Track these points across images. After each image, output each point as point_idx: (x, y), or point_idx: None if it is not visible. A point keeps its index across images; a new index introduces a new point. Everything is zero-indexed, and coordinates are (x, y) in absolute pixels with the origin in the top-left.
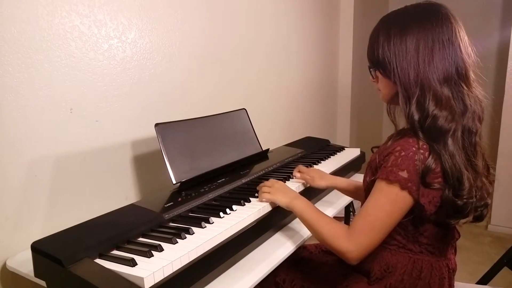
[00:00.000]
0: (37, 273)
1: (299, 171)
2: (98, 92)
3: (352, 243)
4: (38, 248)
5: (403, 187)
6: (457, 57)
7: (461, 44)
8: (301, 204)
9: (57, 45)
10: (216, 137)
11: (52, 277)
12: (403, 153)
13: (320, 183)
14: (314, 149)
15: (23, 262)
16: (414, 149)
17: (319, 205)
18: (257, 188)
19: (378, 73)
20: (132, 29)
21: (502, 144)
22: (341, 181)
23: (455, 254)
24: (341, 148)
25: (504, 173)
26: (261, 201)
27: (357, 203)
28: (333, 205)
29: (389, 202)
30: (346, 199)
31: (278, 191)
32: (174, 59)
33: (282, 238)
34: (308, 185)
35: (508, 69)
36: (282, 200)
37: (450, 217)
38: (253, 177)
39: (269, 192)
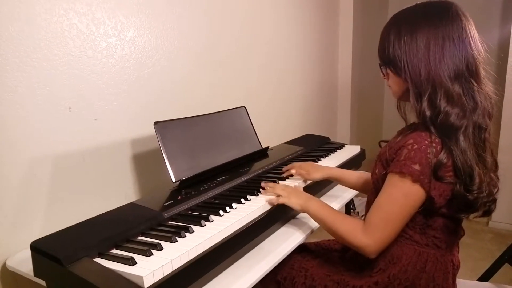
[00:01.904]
0: (36, 273)
1: (292, 168)
2: (97, 91)
3: (369, 237)
4: (38, 248)
5: (415, 180)
6: (467, 54)
7: (471, 41)
8: (315, 205)
9: (55, 43)
10: (215, 135)
11: (51, 276)
12: (415, 146)
13: (315, 175)
14: (314, 147)
15: (22, 262)
16: (426, 142)
17: (324, 200)
18: (264, 187)
19: (389, 71)
20: (130, 27)
21: (503, 140)
22: (337, 171)
23: (458, 252)
24: (341, 146)
25: (505, 168)
26: (275, 203)
27: (357, 201)
28: (337, 199)
29: (402, 196)
30: (350, 193)
31: (291, 194)
32: (173, 57)
33: (283, 236)
34: (309, 182)
35: (509, 65)
36: (297, 203)
37: (461, 211)
38: (253, 175)
39: (281, 196)
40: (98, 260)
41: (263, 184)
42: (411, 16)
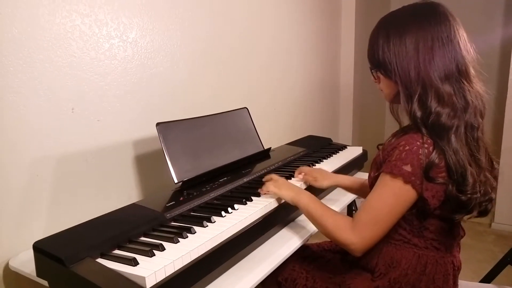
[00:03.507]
0: (39, 273)
1: (300, 173)
2: (100, 92)
3: (355, 235)
4: (40, 248)
5: (406, 181)
6: (456, 54)
7: (460, 41)
8: (305, 199)
9: (58, 44)
10: (217, 136)
11: (54, 276)
12: (407, 148)
13: (322, 183)
14: (316, 148)
15: (25, 262)
16: (418, 143)
17: (324, 203)
18: (263, 180)
19: (379, 74)
20: (133, 28)
21: (506, 141)
22: (344, 178)
23: (459, 252)
24: (343, 147)
25: (507, 169)
26: (266, 193)
27: (359, 201)
28: (336, 202)
29: (392, 196)
30: (349, 197)
31: (283, 186)
32: (175, 58)
33: (284, 237)
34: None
35: (511, 65)
36: (288, 194)
37: (455, 212)
38: (254, 176)
39: (274, 187)
40: (100, 260)
41: (259, 190)
42: (398, 19)
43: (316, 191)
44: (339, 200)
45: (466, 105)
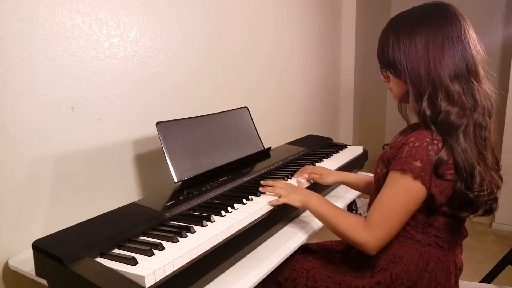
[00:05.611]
0: (38, 272)
1: (304, 173)
2: (100, 91)
3: (369, 234)
4: (39, 247)
5: (416, 177)
6: (466, 53)
7: (470, 41)
8: (315, 200)
9: (58, 43)
10: (217, 136)
11: (53, 276)
12: (417, 144)
13: (328, 179)
14: (316, 147)
15: (24, 261)
16: (428, 139)
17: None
18: (263, 188)
19: (389, 73)
20: (133, 27)
21: (506, 141)
22: (350, 176)
23: (462, 254)
24: (343, 146)
25: (508, 169)
26: (276, 204)
27: (359, 201)
28: (340, 199)
29: (403, 192)
30: (353, 193)
31: (290, 192)
32: (176, 57)
33: (284, 237)
34: (313, 181)
35: None
36: (297, 199)
37: (462, 209)
38: (255, 175)
39: (281, 195)
40: (99, 259)
41: (262, 182)
42: (409, 19)
43: (321, 188)
44: (342, 197)
45: (475, 105)
